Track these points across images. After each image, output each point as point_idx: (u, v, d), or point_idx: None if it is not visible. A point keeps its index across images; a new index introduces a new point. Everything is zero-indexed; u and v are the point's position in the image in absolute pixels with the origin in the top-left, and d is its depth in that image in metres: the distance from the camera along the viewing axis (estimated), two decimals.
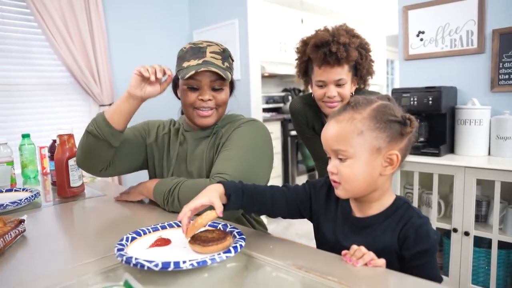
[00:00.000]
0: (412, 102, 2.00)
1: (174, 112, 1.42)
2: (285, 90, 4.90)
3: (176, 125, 1.25)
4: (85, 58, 2.89)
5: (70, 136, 1.33)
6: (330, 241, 0.83)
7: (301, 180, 3.94)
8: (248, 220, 1.19)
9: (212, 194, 0.78)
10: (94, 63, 2.92)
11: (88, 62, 2.90)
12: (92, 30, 2.91)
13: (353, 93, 1.40)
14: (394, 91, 2.12)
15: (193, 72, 1.05)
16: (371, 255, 0.68)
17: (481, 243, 1.84)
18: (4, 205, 1.13)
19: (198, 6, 3.56)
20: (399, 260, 0.76)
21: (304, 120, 1.54)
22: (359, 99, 0.78)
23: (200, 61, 1.08)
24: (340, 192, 0.78)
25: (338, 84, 1.35)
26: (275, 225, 3.30)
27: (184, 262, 0.65)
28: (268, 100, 4.59)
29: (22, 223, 0.93)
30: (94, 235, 0.96)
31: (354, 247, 0.70)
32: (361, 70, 1.40)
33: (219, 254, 0.69)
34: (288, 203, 0.87)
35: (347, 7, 5.26)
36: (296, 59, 1.48)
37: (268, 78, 4.60)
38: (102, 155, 1.10)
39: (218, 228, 0.85)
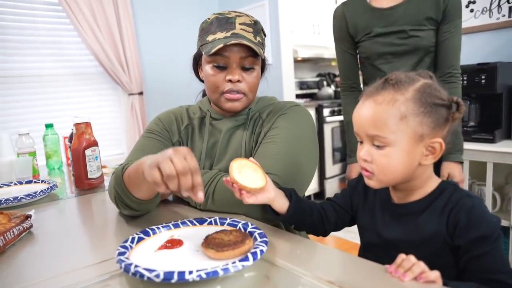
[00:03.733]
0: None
1: (193, 98, 1.20)
2: (319, 75, 4.69)
3: (197, 113, 1.06)
4: (113, 46, 2.86)
5: (87, 124, 1.25)
6: (370, 233, 0.75)
7: (336, 169, 3.77)
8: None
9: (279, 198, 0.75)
10: (122, 51, 2.89)
11: (116, 50, 2.87)
12: (119, 17, 2.87)
13: None
14: None
15: (221, 45, 0.87)
16: (421, 266, 0.54)
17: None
18: (19, 198, 1.08)
19: None
20: (453, 252, 0.64)
21: (343, 25, 1.41)
22: (400, 76, 0.67)
23: (229, 34, 0.91)
24: (372, 183, 0.69)
25: None
26: None
27: (190, 272, 0.54)
28: (302, 85, 4.41)
29: (29, 218, 0.86)
30: (107, 233, 0.88)
31: (402, 256, 0.57)
32: None
33: (234, 262, 0.57)
34: (337, 213, 0.83)
35: None
36: None
37: (301, 62, 4.42)
38: (153, 207, 0.93)
39: (238, 227, 0.74)
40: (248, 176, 0.72)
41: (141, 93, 3.00)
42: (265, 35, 1.00)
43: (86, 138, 1.24)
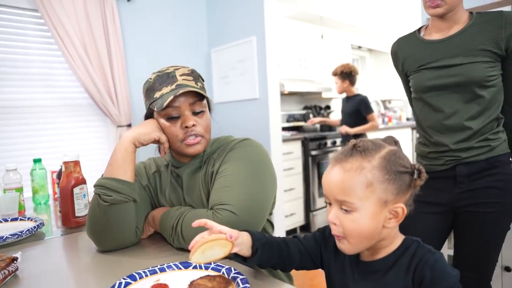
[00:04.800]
0: None
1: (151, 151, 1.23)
2: (306, 107, 4.81)
3: (163, 162, 1.16)
4: (103, 79, 2.91)
5: (76, 163, 1.28)
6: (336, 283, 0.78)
7: (322, 201, 3.80)
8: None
9: (239, 234, 0.75)
10: (112, 84, 2.94)
11: (106, 83, 2.92)
12: (110, 51, 2.93)
13: None
14: None
15: (171, 97, 0.95)
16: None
17: None
18: (4, 237, 1.08)
19: (216, 24, 3.56)
20: None
21: (397, 62, 1.44)
22: (367, 143, 0.71)
23: (174, 86, 0.99)
24: (344, 247, 0.72)
25: None
26: None
27: None
28: (289, 118, 4.51)
29: (15, 261, 0.87)
30: (92, 275, 0.90)
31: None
32: None
33: None
34: (301, 254, 0.82)
35: (369, 21, 5.18)
36: None
37: (288, 95, 4.54)
38: (131, 217, 0.99)
39: (221, 272, 0.77)
40: (211, 253, 0.71)
41: (129, 125, 3.04)
42: (203, 80, 1.09)
43: (75, 177, 1.26)
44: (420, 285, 0.66)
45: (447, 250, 1.77)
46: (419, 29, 1.41)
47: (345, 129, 3.46)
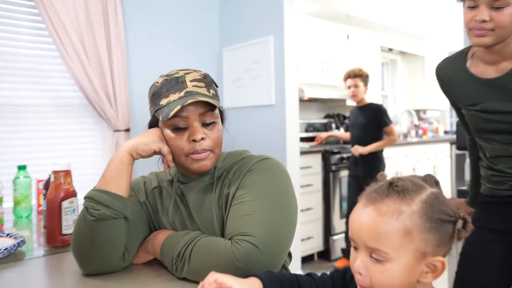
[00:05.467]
0: None
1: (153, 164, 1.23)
2: (327, 116, 4.77)
3: (166, 177, 1.13)
4: (101, 77, 2.92)
5: (67, 173, 1.25)
6: None
7: (343, 223, 3.73)
8: None
9: None
10: (111, 83, 2.94)
11: (103, 82, 2.92)
12: (111, 47, 2.95)
13: None
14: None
15: (178, 107, 0.93)
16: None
17: None
18: None
19: (229, 21, 3.57)
20: None
21: (443, 85, 1.42)
22: (406, 182, 0.69)
23: (182, 93, 0.97)
24: None
25: (494, 6, 1.13)
26: None
27: None
28: (308, 128, 4.48)
29: None
30: None
31: None
32: None
33: None
34: None
35: (401, 21, 5.14)
36: None
37: (307, 102, 4.51)
38: (120, 236, 0.97)
39: None
40: None
41: (127, 130, 3.03)
42: (217, 86, 1.07)
43: (65, 189, 1.23)
44: None
45: None
46: (466, 54, 1.35)
47: (358, 150, 3.31)
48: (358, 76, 3.31)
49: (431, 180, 0.72)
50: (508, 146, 1.28)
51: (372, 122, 3.28)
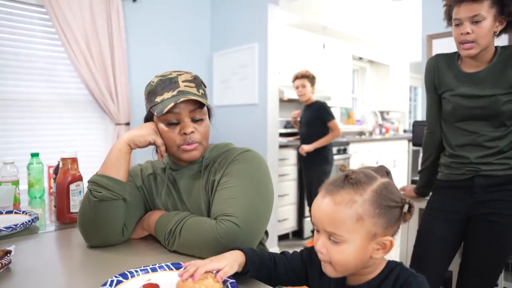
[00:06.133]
0: None
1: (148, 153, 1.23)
2: None
3: (160, 165, 1.17)
4: (104, 76, 2.92)
5: (74, 160, 1.29)
6: None
7: None
8: None
9: (234, 264, 0.76)
10: (113, 82, 2.95)
11: (106, 81, 2.93)
12: (113, 49, 2.95)
13: (497, 33, 1.32)
14: (416, 123, 2.02)
15: (172, 104, 0.96)
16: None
17: None
18: None
19: (219, 28, 3.58)
20: None
21: (431, 74, 1.49)
22: (359, 175, 0.71)
23: (175, 92, 1.00)
24: (329, 271, 0.73)
25: (474, 21, 1.28)
26: None
27: None
28: (286, 124, 4.53)
29: (8, 254, 0.88)
30: (84, 271, 0.90)
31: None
32: (510, 5, 1.27)
33: None
34: (286, 271, 0.85)
35: (371, 33, 5.22)
36: (443, 6, 1.44)
37: (287, 102, 4.56)
38: (119, 215, 1.01)
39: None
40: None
41: (128, 124, 3.05)
42: (205, 87, 1.10)
43: (72, 173, 1.26)
44: None
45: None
46: (458, 55, 1.44)
47: (304, 149, 3.18)
48: (305, 77, 3.19)
49: (383, 171, 0.74)
50: (476, 135, 1.36)
51: (316, 118, 3.14)
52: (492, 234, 1.34)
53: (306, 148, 3.16)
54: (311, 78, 3.20)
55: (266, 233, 1.17)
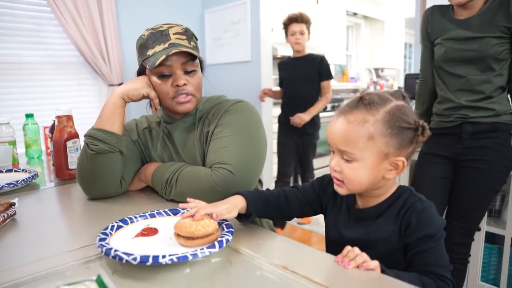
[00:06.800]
0: None
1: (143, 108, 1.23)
2: None
3: (154, 119, 1.18)
4: (94, 37, 2.86)
5: (69, 117, 1.30)
6: (334, 231, 0.84)
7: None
8: None
9: (232, 209, 0.77)
10: (104, 42, 2.89)
11: (97, 41, 2.87)
12: (102, 8, 2.86)
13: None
14: (408, 76, 2.03)
15: (163, 56, 0.95)
16: (363, 256, 0.64)
17: (493, 240, 1.77)
18: (0, 186, 1.12)
19: None
20: (405, 252, 0.73)
21: (425, 23, 1.54)
22: (373, 96, 0.73)
23: (167, 45, 0.99)
24: (341, 190, 0.77)
25: None
26: None
27: (163, 256, 0.62)
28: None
29: (13, 206, 0.91)
30: (86, 221, 0.94)
31: (348, 248, 0.66)
32: None
33: (202, 249, 0.65)
34: (300, 204, 0.87)
35: None
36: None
37: (280, 59, 4.49)
38: (117, 167, 1.03)
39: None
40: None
41: (121, 84, 3.02)
42: (197, 39, 1.09)
43: (68, 131, 1.28)
44: (406, 230, 0.71)
45: None
46: (452, 6, 1.47)
47: (302, 119, 2.52)
48: (306, 21, 2.59)
49: (399, 95, 0.76)
50: (465, 79, 1.40)
51: (315, 73, 2.57)
52: (476, 179, 1.42)
53: (305, 117, 2.53)
54: (309, 24, 2.62)
55: (260, 182, 1.21)
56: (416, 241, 0.70)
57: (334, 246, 0.81)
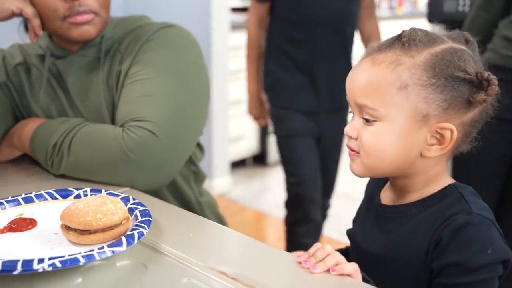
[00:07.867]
0: None
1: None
2: None
3: (35, 50, 1.15)
4: None
5: None
6: (349, 233, 0.87)
7: None
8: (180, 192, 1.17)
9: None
10: None
11: None
12: None
13: None
14: None
15: None
16: (336, 257, 0.67)
17: None
18: None
19: None
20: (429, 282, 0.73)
21: None
22: (417, 34, 0.71)
23: None
24: (355, 167, 0.76)
25: None
26: (244, 189, 3.37)
27: (41, 260, 0.62)
28: None
29: None
30: None
31: (317, 245, 0.69)
32: None
33: (102, 247, 0.67)
34: None
35: None
36: None
37: None
38: None
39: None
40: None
41: None
42: None
43: None
44: (436, 248, 0.69)
45: None
46: None
47: None
48: None
49: (460, 37, 0.74)
50: None
51: None
52: None
53: None
54: None
55: (200, 147, 1.23)
56: (444, 269, 0.68)
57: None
